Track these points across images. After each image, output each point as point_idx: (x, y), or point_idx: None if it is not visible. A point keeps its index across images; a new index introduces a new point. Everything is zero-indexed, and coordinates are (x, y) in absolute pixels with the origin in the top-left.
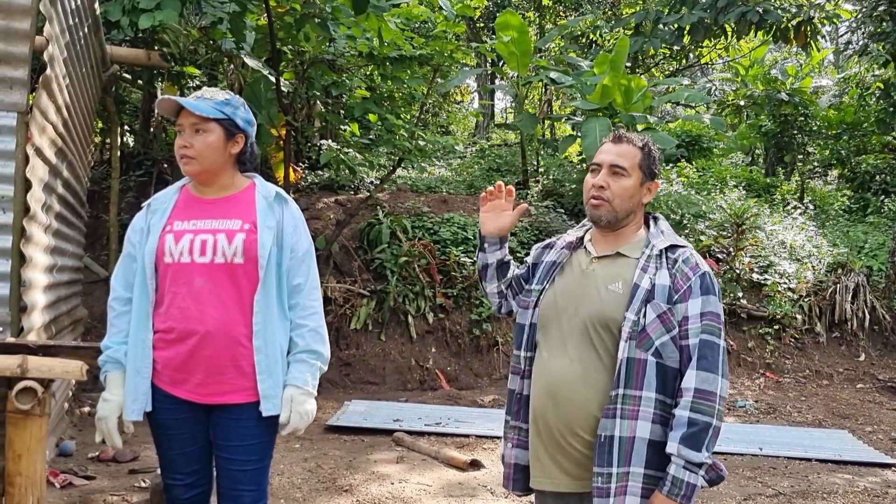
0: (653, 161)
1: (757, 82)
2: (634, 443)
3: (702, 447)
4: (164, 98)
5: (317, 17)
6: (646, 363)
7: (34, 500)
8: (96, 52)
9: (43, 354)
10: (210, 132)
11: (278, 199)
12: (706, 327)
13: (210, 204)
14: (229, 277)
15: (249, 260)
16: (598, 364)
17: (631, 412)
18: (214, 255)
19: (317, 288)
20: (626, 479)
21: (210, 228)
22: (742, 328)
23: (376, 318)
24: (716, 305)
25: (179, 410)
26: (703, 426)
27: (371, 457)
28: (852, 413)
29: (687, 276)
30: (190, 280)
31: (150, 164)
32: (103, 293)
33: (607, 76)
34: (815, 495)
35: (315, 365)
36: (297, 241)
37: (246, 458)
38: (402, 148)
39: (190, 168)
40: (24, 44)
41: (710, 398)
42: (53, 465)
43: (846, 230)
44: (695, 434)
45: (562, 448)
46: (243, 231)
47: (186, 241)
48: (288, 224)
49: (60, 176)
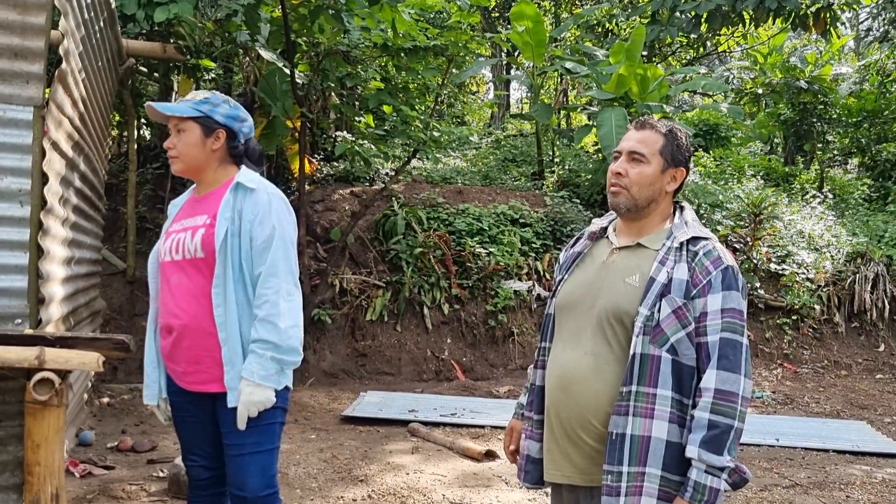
0: (678, 148)
1: (775, 70)
2: (650, 443)
3: (723, 450)
4: (147, 105)
5: (331, 8)
6: (660, 360)
7: (52, 488)
8: (112, 46)
9: (61, 346)
10: (188, 131)
11: (240, 189)
12: (727, 325)
13: (196, 202)
14: (197, 272)
15: (209, 254)
16: (610, 357)
17: (645, 410)
18: (183, 252)
19: (275, 275)
20: (641, 480)
21: (183, 227)
22: (760, 319)
23: (392, 309)
24: (738, 302)
25: (185, 397)
26: (725, 428)
27: (386, 447)
28: (871, 404)
29: (707, 270)
30: (168, 277)
31: (167, 157)
32: (121, 285)
33: (623, 65)
34: (832, 486)
35: (264, 355)
36: (257, 231)
37: (241, 442)
38: (416, 139)
39: (175, 167)
40: (39, 38)
41: (732, 399)
42: (73, 455)
43: (866, 219)
44: (716, 437)
45: (572, 441)
46: (204, 226)
47: (169, 242)
48: (248, 213)
49: (77, 169)
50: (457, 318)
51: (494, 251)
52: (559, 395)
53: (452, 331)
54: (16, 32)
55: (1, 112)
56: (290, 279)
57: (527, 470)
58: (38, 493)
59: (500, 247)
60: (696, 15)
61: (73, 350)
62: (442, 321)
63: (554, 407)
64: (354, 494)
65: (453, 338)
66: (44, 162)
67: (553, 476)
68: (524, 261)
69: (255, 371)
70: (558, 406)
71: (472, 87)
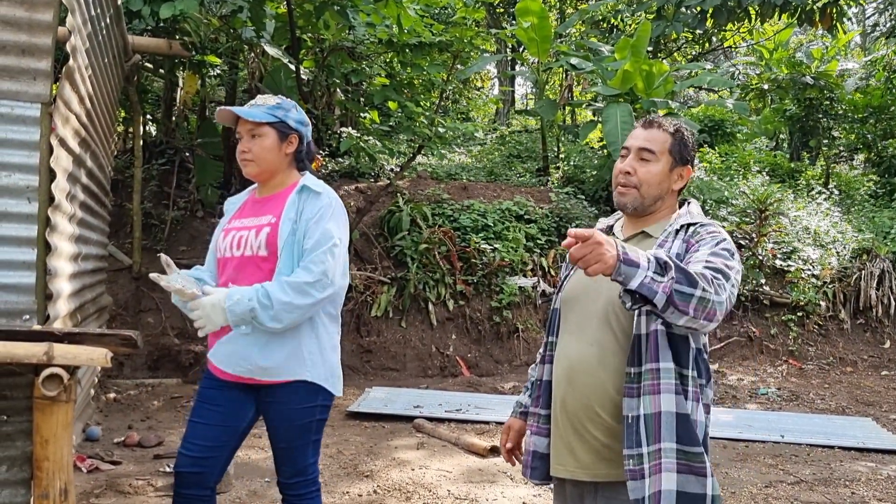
0: (685, 146)
1: (781, 66)
2: (662, 417)
3: (690, 286)
4: (222, 109)
5: (336, 4)
6: (657, 334)
7: (61, 484)
8: (118, 42)
9: (68, 342)
10: (265, 136)
11: (304, 191)
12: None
13: (258, 202)
14: (258, 269)
15: (272, 252)
16: (614, 346)
17: (652, 386)
18: (245, 249)
19: (316, 261)
20: (659, 457)
21: (246, 226)
22: (765, 315)
23: (397, 305)
24: (727, 246)
25: (221, 390)
26: (703, 291)
27: (392, 443)
28: (876, 400)
29: (701, 236)
30: (228, 272)
31: (173, 153)
32: (128, 281)
33: (628, 61)
34: (837, 483)
35: (254, 298)
36: (312, 229)
37: (279, 435)
38: (421, 135)
39: (250, 170)
40: (46, 35)
41: (721, 278)
42: (80, 450)
43: (872, 215)
44: (692, 280)
45: (579, 434)
46: (269, 225)
47: (229, 238)
48: (308, 214)
49: (84, 165)
50: (462, 314)
51: (499, 247)
52: (566, 387)
53: (457, 327)
54: (23, 29)
55: (9, 109)
56: (325, 280)
57: (534, 466)
58: (46, 488)
59: (505, 243)
60: (702, 10)
61: (82, 346)
62: (447, 317)
63: (561, 399)
64: (360, 490)
65: (458, 334)
66: (51, 158)
67: (556, 471)
68: (529, 257)
69: (238, 301)
70: (565, 398)
71: (477, 83)
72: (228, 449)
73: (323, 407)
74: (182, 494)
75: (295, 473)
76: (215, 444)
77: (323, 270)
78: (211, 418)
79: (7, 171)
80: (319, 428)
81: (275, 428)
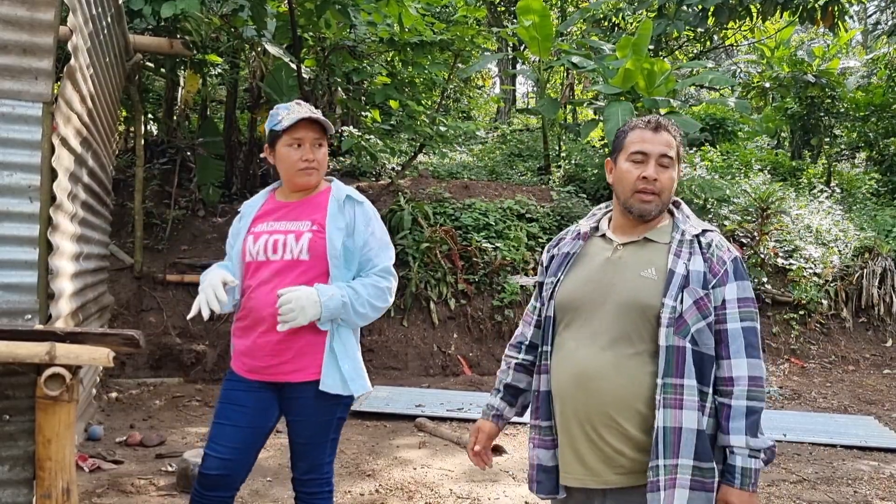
0: (682, 146)
1: (783, 64)
2: (682, 433)
3: (759, 432)
4: (308, 118)
5: (337, 3)
6: (685, 351)
7: (64, 483)
8: (119, 42)
9: (70, 341)
10: (325, 146)
11: (349, 201)
12: (746, 314)
13: (287, 207)
14: (297, 272)
15: (314, 257)
16: (630, 352)
17: (674, 401)
18: (284, 253)
19: (390, 272)
20: (675, 472)
21: (283, 230)
22: (767, 313)
23: (398, 304)
24: (750, 291)
25: (247, 390)
26: (759, 411)
27: (394, 442)
28: (879, 399)
29: (722, 260)
30: (261, 275)
31: (174, 152)
32: (129, 280)
33: (630, 60)
34: (839, 482)
35: (345, 296)
36: (370, 235)
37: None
38: (423, 134)
39: (313, 178)
40: (48, 34)
41: (761, 384)
42: (82, 450)
43: (874, 214)
44: (755, 422)
45: (591, 441)
46: (311, 231)
47: (262, 241)
48: (360, 222)
49: (86, 165)
50: (463, 313)
51: (501, 246)
52: (577, 393)
53: (459, 326)
54: (24, 29)
55: (10, 108)
56: (395, 285)
57: (538, 480)
58: (49, 487)
59: (507, 242)
60: (703, 9)
61: (84, 345)
62: (448, 316)
63: (571, 407)
64: (362, 489)
65: (460, 333)
66: (53, 158)
67: (565, 479)
68: (530, 256)
69: (332, 297)
70: (576, 405)
71: (479, 82)
72: (255, 450)
73: (344, 406)
74: (206, 496)
75: (310, 469)
76: (243, 446)
77: (394, 275)
78: (239, 420)
79: (9, 171)
80: (339, 427)
81: (295, 423)
